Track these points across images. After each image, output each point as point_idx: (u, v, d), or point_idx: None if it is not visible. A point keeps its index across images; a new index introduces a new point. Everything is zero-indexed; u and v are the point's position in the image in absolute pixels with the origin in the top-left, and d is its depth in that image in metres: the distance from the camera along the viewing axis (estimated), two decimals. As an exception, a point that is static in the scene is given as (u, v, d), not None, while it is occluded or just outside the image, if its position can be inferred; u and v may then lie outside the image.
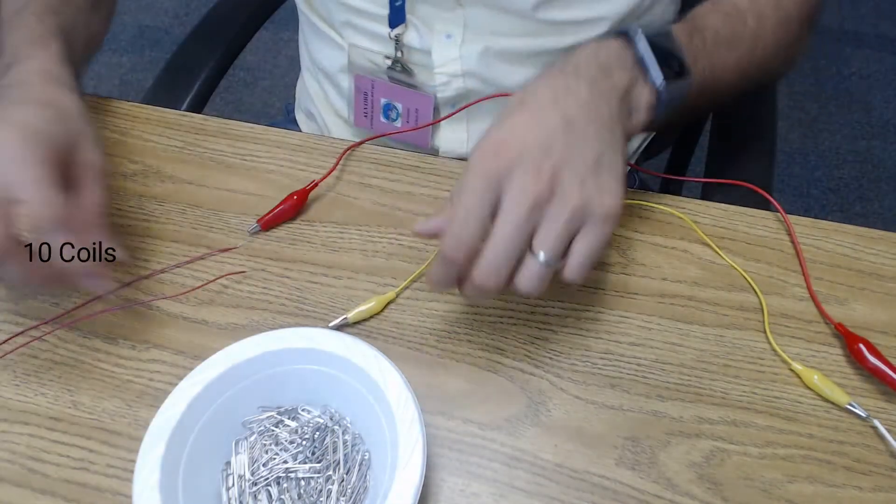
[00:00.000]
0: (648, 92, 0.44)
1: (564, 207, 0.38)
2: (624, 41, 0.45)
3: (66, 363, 0.47)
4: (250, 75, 1.86)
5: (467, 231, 0.38)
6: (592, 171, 0.39)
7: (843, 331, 0.47)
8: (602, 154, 0.40)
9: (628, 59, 0.44)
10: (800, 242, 0.52)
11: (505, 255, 0.38)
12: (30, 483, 0.42)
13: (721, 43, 0.50)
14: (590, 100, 0.41)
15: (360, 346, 0.41)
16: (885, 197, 1.57)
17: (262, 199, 0.55)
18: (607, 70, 0.43)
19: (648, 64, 0.44)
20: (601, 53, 0.44)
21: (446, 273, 0.40)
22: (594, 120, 0.41)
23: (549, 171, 0.38)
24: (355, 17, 0.62)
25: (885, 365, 0.44)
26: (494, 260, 0.38)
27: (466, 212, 0.38)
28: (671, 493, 0.41)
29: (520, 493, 0.42)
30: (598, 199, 0.39)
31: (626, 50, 0.44)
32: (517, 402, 0.45)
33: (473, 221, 0.38)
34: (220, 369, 0.40)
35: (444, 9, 0.58)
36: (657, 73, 0.44)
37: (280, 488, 0.40)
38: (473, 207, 0.38)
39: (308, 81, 0.77)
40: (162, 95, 0.73)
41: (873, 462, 0.43)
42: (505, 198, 0.38)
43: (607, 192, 0.39)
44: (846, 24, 1.94)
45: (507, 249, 0.38)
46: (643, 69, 0.44)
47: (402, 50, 0.62)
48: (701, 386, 0.45)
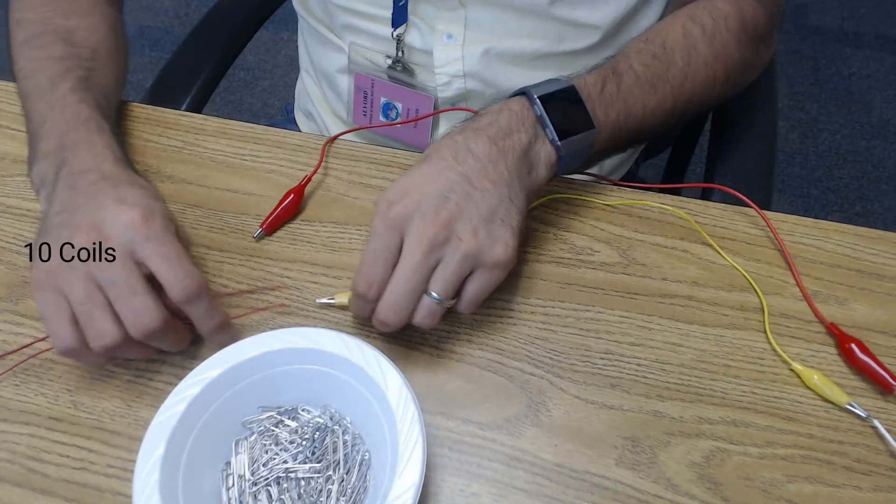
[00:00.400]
0: (549, 148, 0.47)
1: (457, 252, 0.42)
2: (525, 101, 0.47)
3: (66, 363, 0.47)
4: (250, 75, 1.86)
5: (374, 270, 0.42)
6: (485, 222, 0.42)
7: (835, 331, 0.47)
8: (496, 207, 0.43)
9: (528, 119, 0.46)
10: (799, 242, 0.52)
11: (403, 293, 0.42)
12: (30, 483, 0.42)
13: (642, 85, 0.51)
14: (488, 157, 0.44)
15: (361, 346, 0.41)
16: (885, 197, 1.57)
17: (262, 199, 0.55)
18: (507, 131, 0.46)
19: (546, 124, 0.46)
20: (503, 115, 0.46)
21: (360, 307, 0.44)
22: (490, 176, 0.44)
23: (444, 218, 0.42)
24: (357, 19, 0.62)
25: (877, 364, 0.44)
26: (394, 297, 0.42)
27: (373, 254, 0.42)
28: (671, 493, 0.41)
29: (520, 493, 0.42)
30: (490, 248, 0.42)
31: (527, 110, 0.47)
32: (517, 402, 0.45)
33: (379, 262, 0.42)
34: (220, 369, 0.40)
35: (445, 8, 0.59)
36: (553, 133, 0.46)
37: (280, 488, 0.40)
38: (378, 250, 0.42)
39: (307, 82, 0.77)
40: (162, 95, 0.73)
41: (873, 462, 0.43)
42: (406, 241, 0.42)
43: (499, 242, 0.42)
44: (846, 24, 1.94)
45: (405, 289, 0.42)
46: (543, 128, 0.47)
47: (402, 50, 0.62)
48: (701, 386, 0.45)
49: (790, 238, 0.52)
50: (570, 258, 0.51)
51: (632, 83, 0.51)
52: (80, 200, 0.44)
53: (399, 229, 0.42)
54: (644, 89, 0.51)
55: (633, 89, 0.51)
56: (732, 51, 0.55)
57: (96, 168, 0.46)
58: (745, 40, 0.56)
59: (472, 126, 0.46)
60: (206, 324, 0.44)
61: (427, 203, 0.42)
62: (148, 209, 0.43)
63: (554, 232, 0.53)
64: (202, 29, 0.80)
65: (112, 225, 0.42)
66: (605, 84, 0.50)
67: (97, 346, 0.41)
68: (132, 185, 0.45)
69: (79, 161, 0.46)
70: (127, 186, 0.45)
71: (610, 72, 0.50)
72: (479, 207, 0.43)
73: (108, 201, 0.43)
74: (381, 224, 0.42)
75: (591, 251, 0.52)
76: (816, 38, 1.91)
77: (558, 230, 0.53)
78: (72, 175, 0.46)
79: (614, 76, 0.50)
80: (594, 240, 0.52)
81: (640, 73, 0.51)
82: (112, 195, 0.44)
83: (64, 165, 0.46)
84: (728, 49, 0.55)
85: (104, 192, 0.44)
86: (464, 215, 0.42)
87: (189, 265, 0.43)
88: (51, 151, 0.47)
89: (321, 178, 0.56)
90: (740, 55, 0.56)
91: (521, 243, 0.44)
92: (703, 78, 0.54)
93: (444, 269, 0.42)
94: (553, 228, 0.53)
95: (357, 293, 0.43)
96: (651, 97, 0.52)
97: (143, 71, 1.84)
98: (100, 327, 0.41)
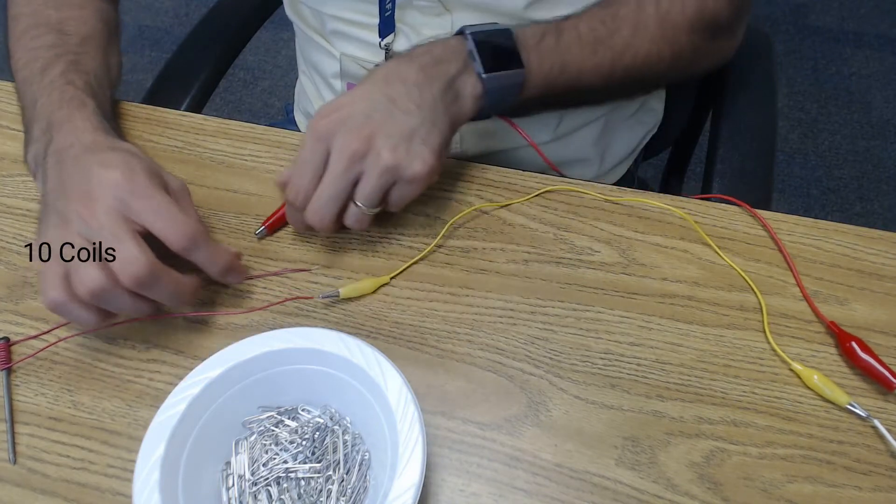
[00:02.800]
0: (475, 81, 0.50)
1: (376, 166, 0.46)
2: (461, 37, 0.51)
3: (66, 363, 0.47)
4: (250, 75, 1.86)
5: (303, 178, 0.46)
6: (405, 140, 0.46)
7: (835, 329, 0.47)
8: (417, 128, 0.47)
9: (460, 53, 0.50)
10: (798, 242, 0.52)
11: (326, 199, 0.46)
12: (30, 483, 0.42)
13: (583, 46, 0.54)
14: (415, 83, 0.48)
15: (361, 346, 0.41)
16: (885, 197, 1.57)
17: (262, 199, 0.55)
18: (438, 60, 0.49)
19: (474, 57, 0.50)
20: (437, 46, 0.50)
21: (292, 214, 0.49)
22: (415, 99, 0.48)
23: (366, 134, 0.46)
24: (345, 26, 0.63)
25: (878, 362, 0.44)
26: (318, 203, 0.46)
27: (302, 163, 0.46)
28: (671, 493, 0.41)
29: (520, 493, 0.42)
30: (408, 164, 0.46)
31: (460, 44, 0.51)
32: (517, 402, 0.45)
33: (308, 171, 0.46)
34: (220, 369, 0.40)
35: (432, 14, 0.59)
36: (479, 66, 0.50)
37: (280, 488, 0.40)
38: (307, 160, 0.46)
39: (305, 83, 0.77)
40: (162, 95, 0.73)
41: (873, 462, 0.43)
42: (331, 153, 0.46)
43: (417, 159, 0.46)
44: (846, 24, 1.94)
45: (328, 195, 0.46)
46: (472, 61, 0.50)
47: (391, 58, 0.62)
48: (701, 386, 0.45)
49: (790, 238, 0.52)
50: (570, 258, 0.51)
51: (571, 41, 0.54)
52: (67, 173, 0.45)
53: (325, 142, 0.46)
54: (584, 50, 0.54)
55: (573, 47, 0.54)
56: (682, 35, 0.57)
57: (77, 141, 0.47)
58: (699, 28, 0.57)
59: (407, 55, 0.50)
60: (214, 267, 0.47)
61: (352, 120, 0.46)
62: (128, 167, 0.44)
63: (554, 232, 0.53)
64: (202, 29, 0.80)
65: (98, 188, 0.43)
66: (544, 36, 0.53)
67: (81, 291, 0.42)
68: (113, 150, 0.47)
69: (62, 137, 0.48)
70: (108, 151, 0.46)
71: (553, 27, 0.54)
72: (400, 127, 0.46)
73: (92, 168, 0.45)
74: (310, 136, 0.46)
75: (591, 251, 0.52)
76: (816, 38, 1.91)
77: (558, 230, 0.53)
78: (57, 152, 0.47)
79: (556, 31, 0.53)
80: (594, 240, 0.52)
81: (584, 34, 0.54)
82: (95, 161, 0.45)
83: (50, 144, 0.48)
84: (678, 33, 0.57)
85: (87, 160, 0.45)
86: (384, 132, 0.46)
87: (179, 213, 0.44)
88: (41, 133, 0.49)
89: (321, 178, 0.56)
90: (690, 41, 0.58)
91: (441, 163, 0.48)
92: (646, 53, 0.56)
93: (366, 181, 0.46)
94: (553, 228, 0.53)
95: (288, 200, 0.48)
96: (590, 59, 0.54)
97: (143, 71, 1.84)
98: (83, 273, 0.42)
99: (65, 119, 0.49)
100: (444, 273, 0.51)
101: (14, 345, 0.48)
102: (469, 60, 0.50)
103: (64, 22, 0.57)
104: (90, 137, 0.48)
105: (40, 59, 0.53)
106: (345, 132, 0.46)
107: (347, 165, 0.45)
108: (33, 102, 0.51)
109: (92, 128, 0.48)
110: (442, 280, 0.50)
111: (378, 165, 0.45)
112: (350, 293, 0.49)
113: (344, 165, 0.45)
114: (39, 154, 0.48)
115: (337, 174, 0.46)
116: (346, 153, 0.45)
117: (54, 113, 0.49)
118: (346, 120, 0.46)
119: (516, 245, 0.52)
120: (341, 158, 0.45)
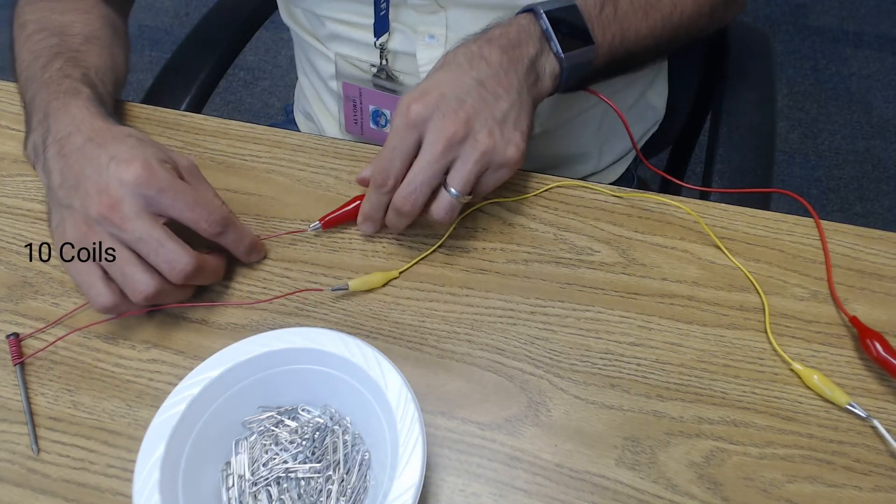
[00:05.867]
0: (553, 61, 0.50)
1: (475, 151, 0.45)
2: (532, 17, 0.50)
3: (66, 363, 0.47)
4: (250, 75, 1.86)
5: (393, 164, 0.46)
6: (499, 124, 0.46)
7: (857, 325, 0.46)
8: (508, 112, 0.46)
9: (535, 33, 0.50)
10: (799, 242, 0.52)
11: (421, 183, 0.45)
12: (30, 483, 0.42)
13: (636, 11, 0.55)
14: (500, 65, 0.47)
15: (360, 346, 0.41)
16: (885, 197, 1.57)
17: (262, 199, 0.55)
18: (517, 42, 0.49)
19: (551, 37, 0.50)
20: (512, 28, 0.49)
21: (377, 200, 0.48)
22: (502, 82, 0.47)
23: (463, 118, 0.45)
24: (340, 27, 0.63)
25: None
26: (412, 187, 0.45)
27: (392, 148, 0.45)
28: (671, 493, 0.41)
29: (520, 493, 0.42)
30: (503, 149, 0.46)
31: (534, 25, 0.50)
32: (517, 402, 0.45)
33: (398, 155, 0.45)
34: (220, 369, 0.40)
35: (426, 12, 0.59)
36: (557, 46, 0.50)
37: (280, 488, 0.40)
38: (398, 144, 0.45)
39: (304, 84, 0.77)
40: (162, 95, 0.73)
41: (873, 462, 0.43)
42: (425, 137, 0.45)
43: (511, 144, 0.46)
44: (846, 24, 1.94)
45: (423, 178, 0.45)
46: (548, 41, 0.50)
47: (386, 58, 0.62)
48: (701, 386, 0.45)
49: (790, 238, 0.52)
50: (570, 258, 0.51)
51: (627, 8, 0.54)
52: (77, 168, 0.45)
53: (418, 128, 0.45)
54: (637, 15, 0.55)
55: (629, 14, 0.54)
56: None
57: (76, 129, 0.47)
58: None
59: (484, 37, 0.49)
60: (240, 247, 0.48)
61: (445, 104, 0.45)
62: (144, 161, 0.44)
63: (554, 232, 0.53)
64: (202, 29, 0.80)
65: (118, 187, 0.43)
66: (603, 6, 0.53)
67: (138, 298, 0.44)
68: (117, 140, 0.46)
69: (59, 126, 0.47)
70: (113, 142, 0.46)
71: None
72: (493, 111, 0.46)
73: (104, 162, 0.44)
74: (401, 122, 0.45)
75: (591, 251, 0.52)
76: (816, 38, 1.91)
77: (558, 230, 0.53)
78: (57, 142, 0.47)
79: (610, 2, 0.53)
80: (594, 240, 0.52)
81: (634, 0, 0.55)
82: (104, 155, 0.45)
83: (48, 132, 0.48)
84: None
85: (95, 154, 0.45)
86: (480, 117, 0.45)
87: (205, 202, 0.45)
88: (38, 123, 0.49)
89: (321, 179, 0.56)
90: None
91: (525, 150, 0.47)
92: (692, 11, 0.57)
93: (463, 165, 0.45)
94: (553, 228, 0.53)
95: (375, 184, 0.46)
96: (643, 23, 0.55)
97: (143, 71, 1.84)
98: (137, 279, 0.43)
99: (60, 107, 0.49)
100: (444, 273, 0.51)
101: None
102: (544, 41, 0.50)
103: (68, 25, 0.57)
104: (88, 124, 0.47)
105: (41, 59, 0.53)
106: (440, 116, 0.45)
107: (445, 149, 0.44)
108: (33, 98, 0.51)
109: (89, 114, 0.48)
110: (442, 280, 0.50)
111: (476, 150, 0.45)
112: (359, 286, 0.49)
113: (441, 149, 0.44)
114: (38, 143, 0.48)
115: (433, 158, 0.44)
116: (443, 137, 0.44)
117: (50, 103, 0.49)
118: (439, 104, 0.45)
119: (516, 245, 0.52)
120: (438, 141, 0.44)
